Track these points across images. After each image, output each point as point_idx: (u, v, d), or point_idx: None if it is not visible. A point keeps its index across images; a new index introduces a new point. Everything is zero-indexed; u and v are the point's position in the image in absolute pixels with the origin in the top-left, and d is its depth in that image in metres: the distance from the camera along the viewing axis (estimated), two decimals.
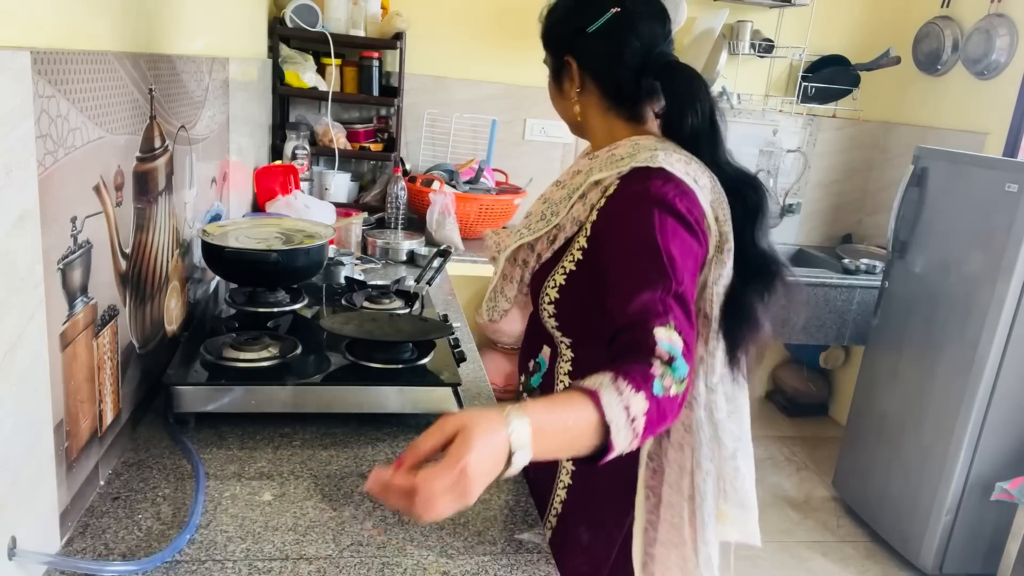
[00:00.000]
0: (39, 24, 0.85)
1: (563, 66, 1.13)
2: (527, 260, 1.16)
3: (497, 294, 1.22)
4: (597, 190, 1.05)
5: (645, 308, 0.91)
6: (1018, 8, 3.02)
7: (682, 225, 0.97)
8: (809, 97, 3.47)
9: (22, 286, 0.80)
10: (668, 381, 0.87)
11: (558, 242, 1.10)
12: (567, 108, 1.17)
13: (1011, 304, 2.39)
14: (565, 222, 1.08)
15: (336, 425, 1.31)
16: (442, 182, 2.89)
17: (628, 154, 1.04)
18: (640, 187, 0.99)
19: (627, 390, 0.84)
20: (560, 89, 1.16)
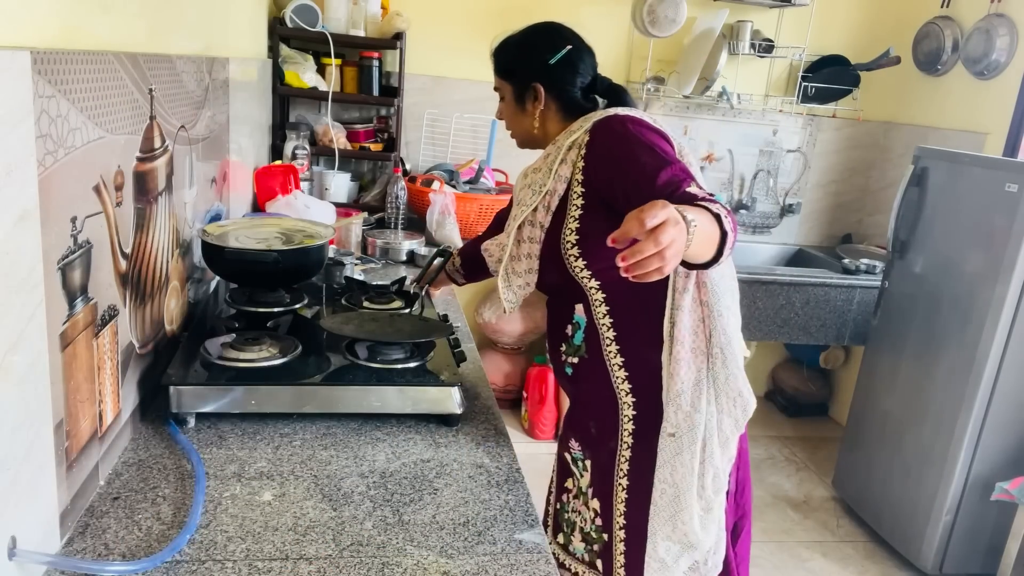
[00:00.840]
0: (39, 24, 0.86)
1: (528, 90, 1.40)
2: (531, 236, 1.35)
3: (510, 275, 1.39)
4: (574, 150, 1.31)
5: (669, 181, 1.14)
6: (1018, 8, 3.02)
7: (655, 133, 1.26)
8: (809, 97, 3.47)
9: (22, 286, 0.80)
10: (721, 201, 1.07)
11: (554, 204, 1.33)
12: (525, 124, 1.44)
13: (1011, 304, 2.39)
14: (555, 185, 1.32)
15: (336, 425, 1.31)
16: (442, 182, 2.89)
17: (587, 119, 1.32)
18: (611, 121, 1.28)
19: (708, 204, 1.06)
20: (523, 108, 1.43)
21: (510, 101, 1.45)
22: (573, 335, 1.38)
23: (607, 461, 1.38)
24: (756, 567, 2.59)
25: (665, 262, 0.86)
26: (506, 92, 1.45)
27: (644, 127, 1.26)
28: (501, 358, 3.40)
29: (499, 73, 1.46)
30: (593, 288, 1.32)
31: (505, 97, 1.46)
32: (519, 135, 1.48)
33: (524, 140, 1.48)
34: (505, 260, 1.38)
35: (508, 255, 1.38)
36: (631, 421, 1.34)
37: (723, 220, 1.04)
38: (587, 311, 1.35)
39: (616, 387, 1.34)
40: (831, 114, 3.60)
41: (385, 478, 1.17)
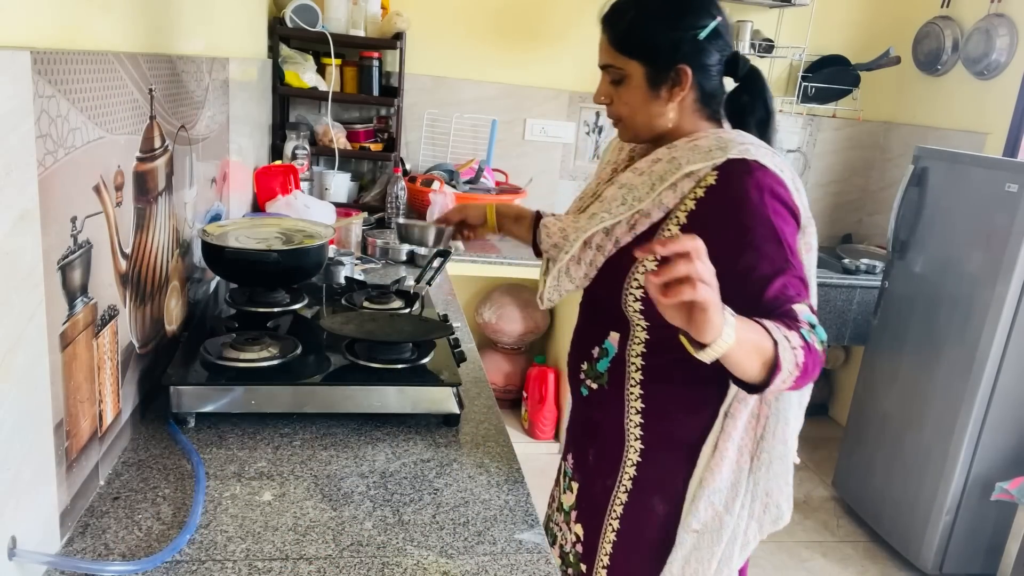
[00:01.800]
0: (39, 24, 0.86)
1: (670, 73, 1.13)
2: (601, 245, 1.18)
3: (562, 275, 1.23)
4: (690, 180, 1.10)
5: (782, 291, 1.01)
6: (1018, 8, 3.02)
7: (787, 210, 1.08)
8: (809, 97, 3.47)
9: (22, 286, 0.80)
10: (812, 338, 0.97)
11: (640, 227, 1.15)
12: (653, 115, 1.17)
13: (1011, 304, 2.39)
14: (650, 208, 1.13)
15: (336, 425, 1.31)
16: (442, 182, 2.89)
17: (716, 146, 1.10)
18: (748, 179, 1.07)
19: (782, 328, 0.95)
20: (655, 96, 1.15)
21: (638, 85, 1.15)
22: (598, 360, 1.26)
23: (600, 496, 1.30)
24: (756, 567, 2.59)
25: (697, 292, 0.79)
26: (633, 72, 1.15)
27: (780, 202, 1.07)
28: (501, 358, 3.40)
29: (625, 47, 1.14)
30: (639, 326, 1.18)
31: (628, 79, 1.16)
32: (638, 128, 1.20)
33: (642, 134, 1.21)
34: (564, 260, 1.21)
35: (570, 256, 1.20)
36: (634, 467, 1.25)
37: (782, 350, 0.92)
38: (621, 343, 1.22)
39: (628, 429, 1.24)
40: (831, 114, 3.60)
41: (385, 478, 1.16)
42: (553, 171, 3.46)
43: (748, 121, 1.20)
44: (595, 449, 1.31)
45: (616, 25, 1.15)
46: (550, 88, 3.35)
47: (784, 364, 0.92)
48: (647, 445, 1.23)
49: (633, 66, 1.15)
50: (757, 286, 1.02)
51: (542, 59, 3.29)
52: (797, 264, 1.05)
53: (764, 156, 1.09)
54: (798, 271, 1.04)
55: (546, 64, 3.30)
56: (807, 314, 0.99)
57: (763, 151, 1.11)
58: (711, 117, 1.20)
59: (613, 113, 1.21)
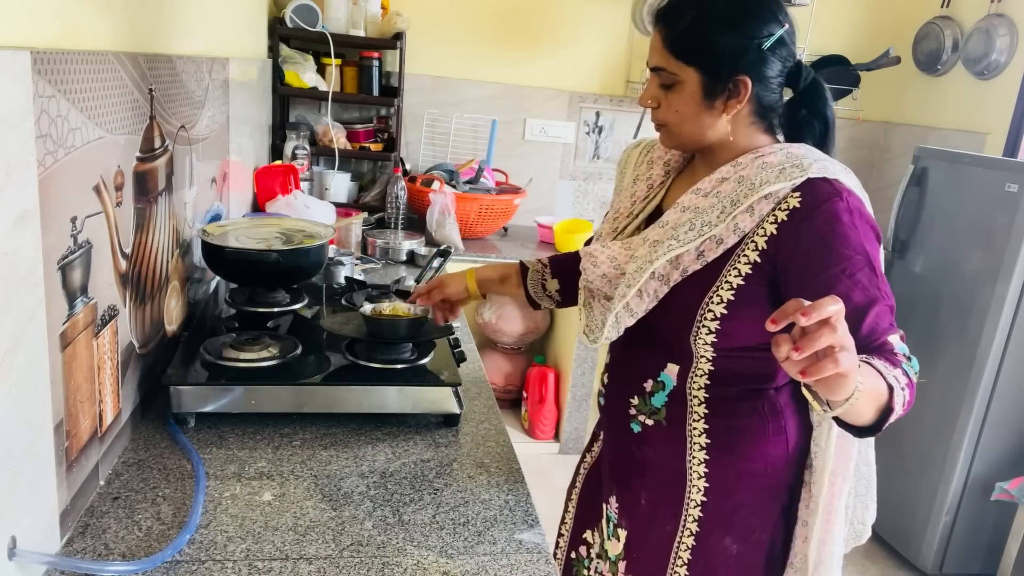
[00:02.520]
0: (39, 24, 0.85)
1: (726, 83, 1.04)
2: (666, 275, 1.07)
3: (621, 312, 1.10)
4: (768, 202, 1.01)
5: (876, 323, 0.95)
6: (1018, 8, 3.02)
7: (874, 233, 1.01)
8: None
9: (22, 286, 0.80)
10: (910, 371, 0.93)
11: (711, 253, 1.04)
12: (705, 126, 1.08)
13: (1011, 304, 2.39)
14: (724, 234, 1.03)
15: (336, 425, 1.31)
16: (442, 182, 2.89)
17: (789, 163, 1.02)
18: (837, 202, 0.99)
19: (889, 366, 0.90)
20: (710, 106, 1.06)
21: (692, 93, 1.06)
22: (652, 394, 1.16)
23: (660, 543, 1.19)
24: None
25: (840, 364, 0.71)
26: (687, 79, 1.05)
27: (869, 224, 1.01)
28: (501, 358, 3.40)
29: (681, 52, 1.04)
30: (704, 358, 1.10)
31: (681, 85, 1.06)
32: (684, 137, 1.11)
33: (687, 144, 1.13)
34: (630, 295, 1.07)
35: (634, 290, 1.07)
36: (698, 507, 1.15)
37: (895, 394, 0.87)
38: (682, 375, 1.12)
39: (690, 467, 1.14)
40: None
41: (385, 478, 1.16)
42: (553, 171, 3.47)
43: (804, 136, 1.13)
44: (649, 492, 1.20)
45: (673, 25, 1.05)
46: (550, 88, 3.35)
47: (896, 407, 0.88)
48: (712, 483, 1.14)
49: (688, 73, 1.05)
50: (852, 318, 0.89)
51: (542, 59, 3.29)
52: (887, 292, 0.98)
53: (842, 174, 1.03)
54: (889, 299, 0.98)
55: (546, 64, 3.30)
56: (901, 345, 0.94)
57: (839, 168, 1.03)
58: (767, 130, 1.11)
59: (659, 118, 1.12)
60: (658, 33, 1.07)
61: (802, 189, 1.00)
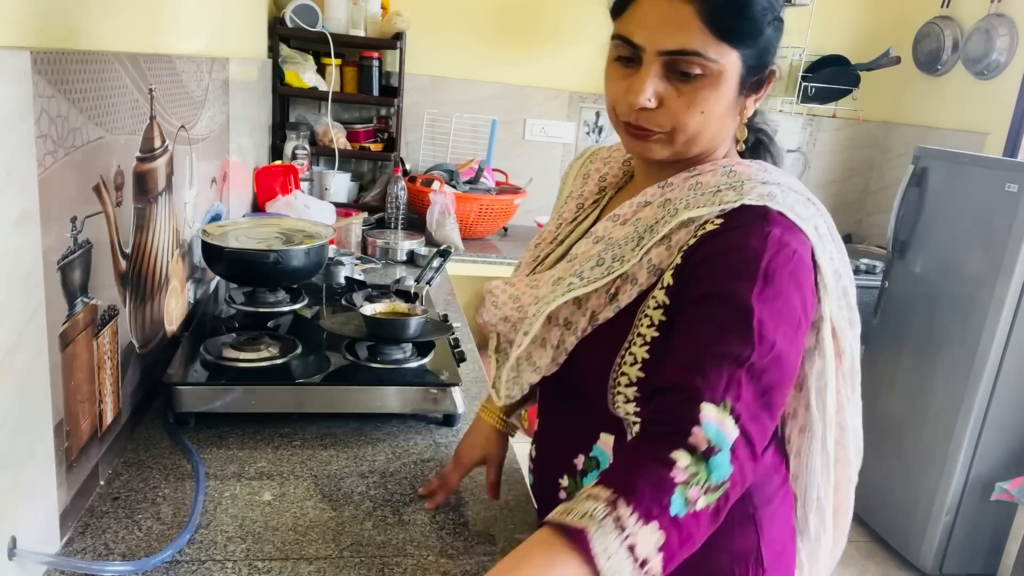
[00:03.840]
0: (39, 24, 0.85)
1: (763, 73, 0.84)
2: (571, 320, 0.86)
3: (522, 364, 0.91)
4: (686, 231, 0.80)
5: (703, 373, 0.69)
6: (1018, 8, 3.02)
7: (789, 283, 0.75)
8: (809, 97, 3.47)
9: (22, 286, 0.80)
10: (695, 492, 0.65)
11: (624, 297, 0.83)
12: (728, 129, 0.86)
13: (1011, 304, 2.39)
14: (636, 272, 0.82)
15: (336, 425, 1.31)
16: (442, 182, 2.89)
17: (726, 184, 0.80)
18: (754, 234, 0.76)
19: (632, 521, 0.63)
20: (739, 104, 0.84)
21: (730, 87, 0.81)
22: (585, 472, 0.91)
23: None
24: None
25: None
26: (727, 68, 0.79)
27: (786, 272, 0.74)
28: None
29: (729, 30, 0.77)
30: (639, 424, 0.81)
31: (717, 77, 0.79)
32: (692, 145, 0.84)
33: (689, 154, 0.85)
34: (525, 343, 0.88)
35: (530, 338, 0.87)
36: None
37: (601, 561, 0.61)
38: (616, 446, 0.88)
39: None
40: (831, 114, 3.60)
41: (385, 478, 1.16)
42: (553, 171, 3.46)
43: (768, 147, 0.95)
44: None
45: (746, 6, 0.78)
46: (550, 88, 3.35)
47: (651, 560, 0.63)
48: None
49: (731, 59, 0.79)
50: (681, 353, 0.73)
51: (542, 59, 3.29)
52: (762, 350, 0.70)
53: (796, 205, 0.79)
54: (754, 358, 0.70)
55: (546, 64, 3.30)
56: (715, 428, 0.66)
57: (793, 197, 0.80)
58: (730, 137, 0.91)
59: (663, 122, 0.82)
60: (682, 3, 0.77)
61: (727, 215, 0.78)
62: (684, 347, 0.74)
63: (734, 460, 0.67)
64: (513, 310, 0.92)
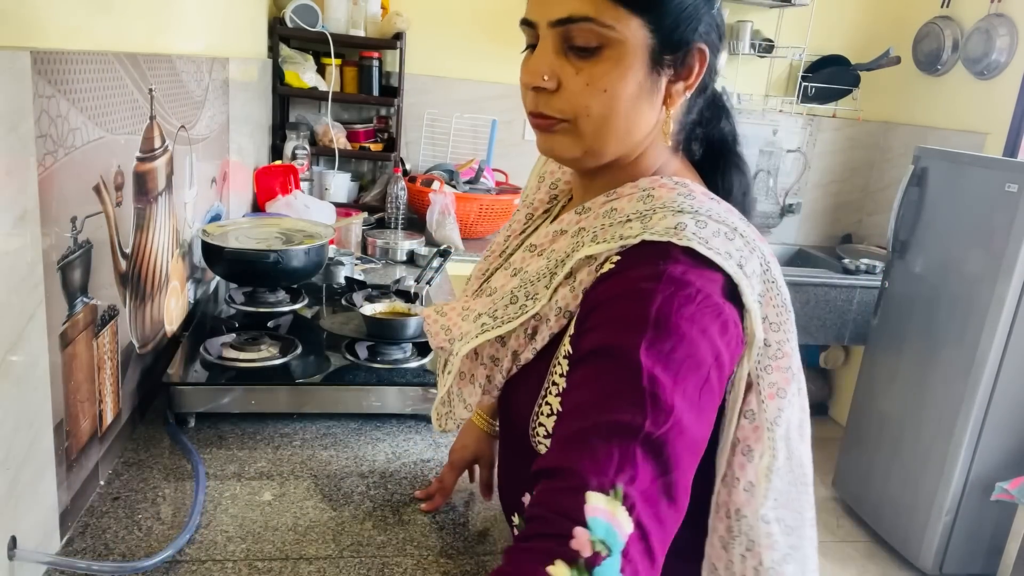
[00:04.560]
0: (39, 24, 0.85)
1: (680, 50, 0.71)
2: (496, 357, 0.80)
3: (454, 399, 0.85)
4: (588, 269, 0.71)
5: (589, 451, 0.58)
6: (1018, 8, 3.02)
7: (694, 330, 0.62)
8: (809, 97, 3.47)
9: (22, 286, 0.80)
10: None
11: (540, 338, 0.75)
12: (644, 119, 0.73)
13: (1011, 304, 2.39)
14: (547, 312, 0.73)
15: (336, 425, 1.31)
16: (442, 182, 2.89)
17: (637, 212, 0.70)
18: (644, 274, 0.65)
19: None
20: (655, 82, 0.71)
21: (635, 61, 0.70)
22: None
23: None
24: None
25: None
26: (629, 37, 0.69)
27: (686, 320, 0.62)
28: None
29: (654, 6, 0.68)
30: None
31: (617, 47, 0.69)
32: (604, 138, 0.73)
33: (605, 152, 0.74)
34: (449, 381, 0.81)
35: (452, 377, 0.81)
36: None
37: None
38: None
39: None
40: (831, 114, 3.60)
41: (385, 478, 1.16)
42: None
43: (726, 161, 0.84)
44: None
45: None
46: None
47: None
48: None
49: (632, 28, 0.68)
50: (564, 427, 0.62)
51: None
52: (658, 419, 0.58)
53: (712, 238, 0.66)
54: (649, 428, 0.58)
55: None
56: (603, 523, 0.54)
57: (712, 228, 0.67)
58: (678, 145, 0.79)
59: (563, 107, 0.72)
60: None
61: (627, 253, 0.68)
62: (567, 418, 0.63)
63: (626, 565, 0.54)
64: (444, 340, 0.82)
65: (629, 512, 0.55)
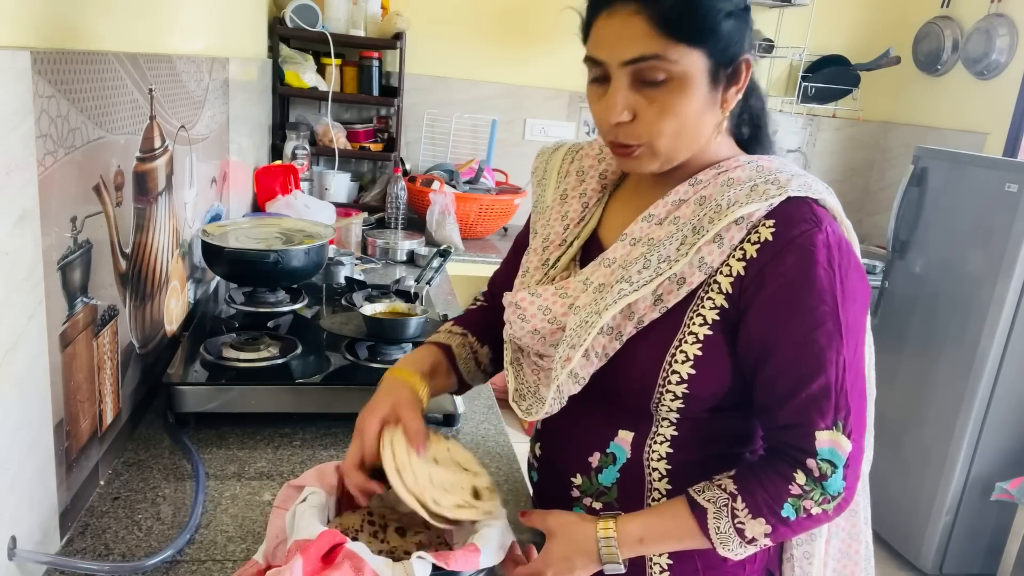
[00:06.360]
0: (39, 24, 0.85)
1: (734, 65, 0.83)
2: (618, 327, 0.85)
3: (568, 379, 0.87)
4: (739, 229, 0.81)
5: (813, 403, 0.79)
6: (1018, 8, 3.02)
7: (856, 276, 0.81)
8: (809, 97, 3.47)
9: (22, 286, 0.79)
10: (808, 503, 0.81)
11: (671, 297, 0.83)
12: (709, 127, 0.85)
13: (1011, 304, 2.39)
14: (687, 272, 0.82)
15: (336, 425, 1.31)
16: (442, 182, 2.89)
17: (761, 178, 0.83)
18: (812, 234, 0.79)
19: (743, 513, 0.81)
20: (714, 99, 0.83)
21: (698, 86, 0.81)
22: (600, 469, 0.92)
23: None
24: None
25: None
26: (690, 68, 0.79)
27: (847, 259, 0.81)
28: None
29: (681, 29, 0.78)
30: (667, 421, 0.88)
31: (682, 79, 0.80)
32: (682, 152, 0.85)
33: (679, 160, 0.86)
34: (575, 359, 0.85)
35: (582, 351, 0.85)
36: None
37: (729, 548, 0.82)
38: (637, 445, 0.90)
39: (651, 561, 0.92)
40: (831, 114, 3.60)
41: None
42: None
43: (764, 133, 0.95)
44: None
45: None
46: (550, 88, 3.35)
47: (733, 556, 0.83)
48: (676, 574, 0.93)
49: (693, 59, 0.79)
50: (788, 387, 0.80)
51: (542, 59, 3.29)
52: (854, 360, 0.80)
53: (825, 193, 0.84)
54: (849, 371, 0.79)
55: (546, 64, 3.30)
56: (829, 451, 0.79)
57: (821, 187, 0.85)
58: (730, 130, 0.92)
59: (641, 133, 0.83)
60: (633, 13, 0.78)
61: (776, 215, 0.81)
62: (787, 377, 0.81)
63: (848, 474, 0.80)
64: (544, 322, 0.90)
65: (848, 436, 0.79)
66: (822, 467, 0.79)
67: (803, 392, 0.79)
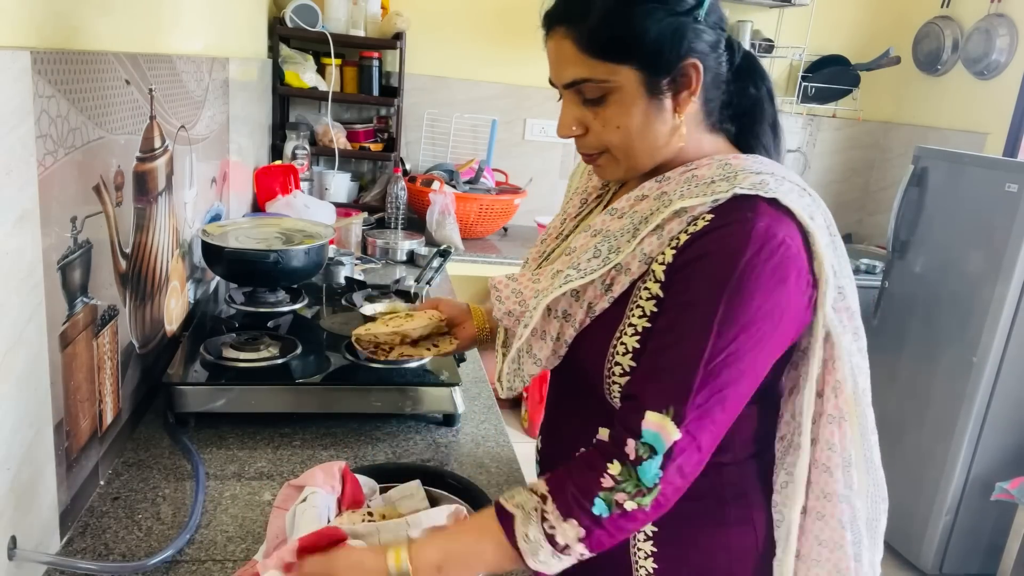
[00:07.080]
0: (39, 24, 0.85)
1: (673, 72, 0.82)
2: (569, 312, 0.87)
3: (523, 357, 0.92)
4: (679, 221, 0.80)
5: (655, 377, 0.77)
6: (1018, 8, 3.02)
7: (773, 279, 0.76)
8: (809, 97, 3.47)
9: (22, 286, 0.80)
10: (621, 495, 0.75)
11: (617, 287, 0.84)
12: (663, 132, 0.85)
13: (1011, 304, 2.39)
14: (630, 261, 0.83)
15: (336, 425, 1.31)
16: (442, 182, 2.89)
17: (720, 176, 0.81)
18: (742, 225, 0.76)
19: (554, 516, 0.75)
20: (658, 105, 0.83)
21: (634, 97, 0.83)
22: None
23: None
24: None
25: None
26: (623, 82, 0.82)
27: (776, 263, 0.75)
28: None
29: (606, 49, 0.81)
30: None
31: (616, 92, 0.83)
32: (637, 158, 0.87)
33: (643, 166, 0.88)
34: (525, 335, 0.90)
35: (530, 330, 0.89)
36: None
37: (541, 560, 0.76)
38: None
39: (636, 562, 0.91)
40: (831, 114, 3.60)
41: None
42: (553, 171, 3.46)
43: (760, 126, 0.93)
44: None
45: (582, 20, 0.81)
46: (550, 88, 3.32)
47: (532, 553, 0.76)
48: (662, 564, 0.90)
49: (623, 73, 0.81)
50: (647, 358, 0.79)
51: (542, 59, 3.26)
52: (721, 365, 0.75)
53: (789, 193, 0.79)
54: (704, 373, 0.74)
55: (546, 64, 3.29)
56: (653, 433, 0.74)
57: (787, 186, 0.80)
58: (714, 127, 0.90)
59: (593, 144, 0.88)
60: (562, 38, 0.83)
61: (718, 209, 0.79)
62: (650, 354, 0.80)
63: (668, 465, 0.74)
64: (515, 304, 0.93)
65: (678, 424, 0.74)
66: (640, 450, 0.75)
67: (654, 363, 0.78)
